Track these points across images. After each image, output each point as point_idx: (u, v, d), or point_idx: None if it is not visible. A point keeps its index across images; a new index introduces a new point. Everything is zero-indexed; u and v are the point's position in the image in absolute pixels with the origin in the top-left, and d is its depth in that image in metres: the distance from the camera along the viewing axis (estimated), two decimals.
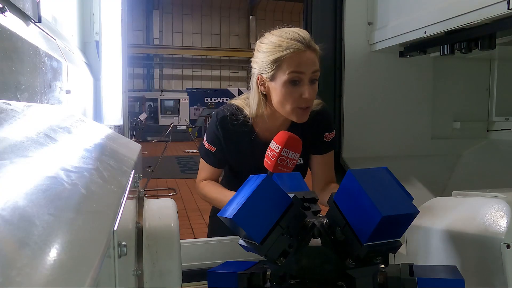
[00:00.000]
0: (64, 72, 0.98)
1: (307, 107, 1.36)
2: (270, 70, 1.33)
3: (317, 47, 1.35)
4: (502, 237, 0.87)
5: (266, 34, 1.37)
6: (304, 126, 1.44)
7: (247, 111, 1.45)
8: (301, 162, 1.46)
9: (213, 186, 1.51)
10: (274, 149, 1.20)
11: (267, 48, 1.33)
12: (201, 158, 1.56)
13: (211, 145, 1.49)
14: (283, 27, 1.37)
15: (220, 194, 1.46)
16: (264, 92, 1.40)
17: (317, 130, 1.49)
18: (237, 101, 1.50)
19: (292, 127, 1.44)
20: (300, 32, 1.32)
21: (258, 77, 1.38)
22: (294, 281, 0.86)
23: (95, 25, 1.63)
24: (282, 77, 1.31)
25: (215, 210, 1.63)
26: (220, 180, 1.63)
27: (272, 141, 1.23)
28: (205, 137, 1.53)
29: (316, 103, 1.46)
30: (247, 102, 1.46)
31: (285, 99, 1.34)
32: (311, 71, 1.31)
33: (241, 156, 1.50)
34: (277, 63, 1.31)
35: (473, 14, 1.49)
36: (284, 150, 1.19)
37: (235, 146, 1.49)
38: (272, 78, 1.34)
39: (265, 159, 1.22)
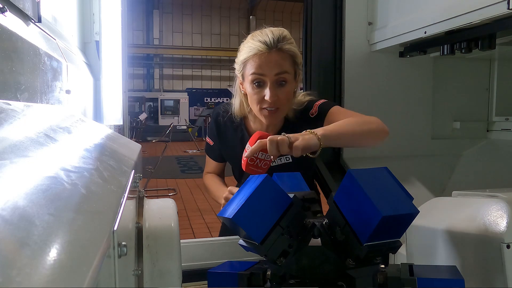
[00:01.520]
0: (64, 72, 0.98)
1: (274, 110, 1.34)
2: (240, 70, 1.38)
3: (288, 47, 1.31)
4: (502, 237, 0.87)
5: (248, 36, 1.40)
6: (295, 126, 1.42)
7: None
8: (290, 160, 1.46)
9: (211, 179, 1.60)
10: (246, 149, 1.21)
11: (241, 48, 1.38)
12: None
13: (210, 139, 1.58)
14: (266, 28, 1.37)
15: (214, 188, 1.56)
16: (243, 92, 1.43)
17: (307, 124, 1.42)
18: (233, 99, 1.54)
19: (284, 128, 1.45)
20: (270, 34, 1.31)
21: (238, 76, 1.43)
22: (294, 281, 0.86)
23: (95, 25, 1.62)
24: (248, 77, 1.34)
25: None
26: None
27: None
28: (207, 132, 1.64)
29: (302, 102, 1.44)
30: None
31: (252, 100, 1.37)
32: (274, 73, 1.30)
33: (232, 153, 1.53)
34: (244, 64, 1.35)
35: (473, 14, 1.49)
36: None
37: (226, 142, 1.54)
38: (243, 78, 1.38)
39: None
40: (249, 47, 1.33)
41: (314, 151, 1.13)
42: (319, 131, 1.15)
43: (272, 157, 1.18)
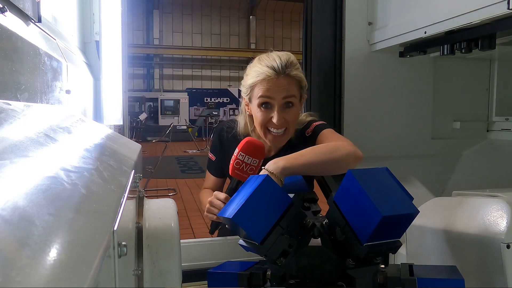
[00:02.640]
0: (64, 72, 0.98)
1: (281, 134, 1.39)
2: (247, 93, 1.41)
3: (295, 73, 1.36)
4: (502, 237, 0.87)
5: (255, 59, 1.43)
6: (295, 145, 1.44)
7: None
8: None
9: (205, 194, 1.59)
10: (234, 153, 1.23)
11: (248, 72, 1.41)
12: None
13: (212, 154, 1.60)
14: (272, 52, 1.41)
15: (204, 198, 1.53)
16: (249, 113, 1.46)
17: (303, 143, 1.45)
18: (239, 118, 1.57)
19: (285, 147, 1.45)
20: (277, 59, 1.35)
21: (244, 98, 1.46)
22: (294, 281, 0.86)
23: (95, 25, 1.63)
24: (256, 100, 1.38)
25: None
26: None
27: None
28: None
29: (303, 121, 1.48)
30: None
31: (258, 122, 1.40)
32: (281, 97, 1.35)
33: None
34: (251, 87, 1.39)
35: (473, 14, 1.49)
36: (240, 154, 1.24)
37: (228, 158, 1.52)
38: (250, 100, 1.43)
39: None
40: (256, 72, 1.36)
41: None
42: (280, 163, 1.11)
43: (258, 161, 1.18)
